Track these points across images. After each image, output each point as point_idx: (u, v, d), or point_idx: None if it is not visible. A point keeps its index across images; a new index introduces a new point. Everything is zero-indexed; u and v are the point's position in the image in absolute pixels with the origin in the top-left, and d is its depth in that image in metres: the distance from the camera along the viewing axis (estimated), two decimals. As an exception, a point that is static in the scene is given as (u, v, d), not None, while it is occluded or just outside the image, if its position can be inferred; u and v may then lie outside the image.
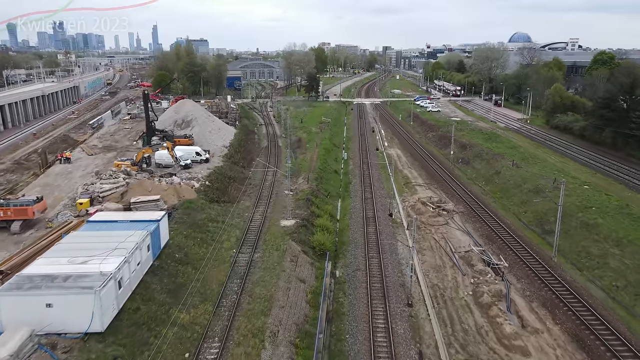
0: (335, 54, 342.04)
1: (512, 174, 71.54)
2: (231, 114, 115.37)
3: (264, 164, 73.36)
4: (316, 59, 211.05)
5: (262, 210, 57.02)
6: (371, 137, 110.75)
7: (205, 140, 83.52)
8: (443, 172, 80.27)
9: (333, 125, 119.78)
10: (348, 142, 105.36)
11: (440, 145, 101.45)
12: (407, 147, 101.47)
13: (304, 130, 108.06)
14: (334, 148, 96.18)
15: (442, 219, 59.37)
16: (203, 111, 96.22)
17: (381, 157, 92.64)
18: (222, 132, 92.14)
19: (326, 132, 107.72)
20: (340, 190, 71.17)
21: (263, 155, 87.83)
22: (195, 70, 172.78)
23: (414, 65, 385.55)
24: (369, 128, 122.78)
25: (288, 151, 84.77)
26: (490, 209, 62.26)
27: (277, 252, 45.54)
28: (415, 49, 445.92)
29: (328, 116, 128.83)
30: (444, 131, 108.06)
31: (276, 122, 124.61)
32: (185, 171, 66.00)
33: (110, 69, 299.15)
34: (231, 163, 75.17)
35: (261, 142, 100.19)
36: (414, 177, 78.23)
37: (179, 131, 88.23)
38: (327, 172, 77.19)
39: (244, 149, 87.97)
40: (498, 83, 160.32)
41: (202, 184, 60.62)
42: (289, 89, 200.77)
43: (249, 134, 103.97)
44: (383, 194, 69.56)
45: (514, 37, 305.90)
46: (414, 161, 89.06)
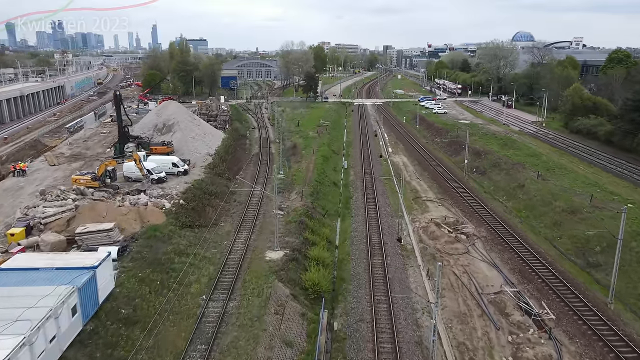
0: (335, 53, 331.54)
1: (539, 188, 61.27)
2: (221, 116, 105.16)
3: (248, 184, 62.94)
4: (315, 58, 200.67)
5: (244, 237, 46.83)
6: (374, 142, 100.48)
7: (187, 148, 73.29)
8: (456, 183, 70.06)
9: (332, 128, 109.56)
10: (348, 148, 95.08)
11: (450, 151, 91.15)
12: (414, 153, 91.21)
13: (300, 135, 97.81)
14: (332, 155, 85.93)
15: (462, 246, 49.15)
16: (187, 114, 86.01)
17: (385, 165, 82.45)
18: (208, 137, 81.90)
19: (324, 136, 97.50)
20: (340, 207, 60.97)
21: (252, 164, 77.58)
22: (187, 70, 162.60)
23: (415, 65, 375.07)
24: (371, 132, 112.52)
25: (280, 160, 74.52)
26: (517, 232, 52.00)
27: (258, 299, 35.35)
28: (417, 48, 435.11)
29: (327, 118, 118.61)
30: (453, 136, 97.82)
31: (271, 125, 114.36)
32: (159, 186, 55.78)
33: (103, 68, 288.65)
34: (214, 175, 64.93)
35: (252, 148, 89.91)
36: (424, 190, 68.01)
37: (160, 137, 78.04)
38: (325, 185, 66.98)
39: (232, 157, 77.71)
40: (507, 83, 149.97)
41: (175, 203, 50.37)
42: (287, 89, 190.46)
43: (239, 139, 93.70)
44: (389, 212, 59.33)
45: (517, 36, 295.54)
46: (422, 171, 78.78)
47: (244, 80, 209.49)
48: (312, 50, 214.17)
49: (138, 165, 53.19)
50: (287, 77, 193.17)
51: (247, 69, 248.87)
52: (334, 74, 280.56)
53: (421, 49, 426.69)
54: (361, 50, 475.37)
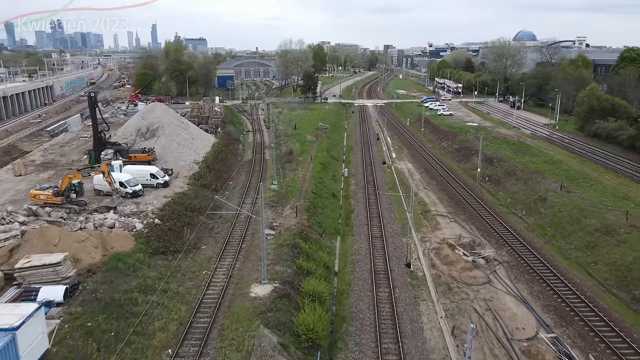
0: (335, 53, 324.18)
1: (564, 202, 54.06)
2: (213, 119, 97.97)
3: (232, 206, 55.91)
4: (314, 57, 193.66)
5: (228, 265, 39.71)
6: (376, 147, 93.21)
7: (171, 155, 66.12)
8: (468, 195, 62.89)
9: (331, 131, 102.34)
10: (349, 154, 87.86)
11: (459, 157, 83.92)
12: (420, 159, 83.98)
13: (297, 139, 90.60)
14: (332, 162, 78.72)
15: (482, 274, 41.98)
16: (174, 117, 78.83)
17: (389, 173, 75.26)
18: (197, 143, 74.73)
19: (323, 141, 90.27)
20: (340, 224, 53.83)
21: (244, 172, 70.38)
22: (181, 69, 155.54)
23: (416, 64, 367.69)
24: (373, 135, 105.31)
25: (274, 168, 67.35)
26: (544, 256, 44.82)
27: (237, 354, 28.21)
28: (418, 48, 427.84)
29: (326, 121, 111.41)
30: (462, 140, 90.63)
31: (266, 127, 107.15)
32: (134, 201, 48.64)
33: (98, 68, 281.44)
34: (199, 186, 57.73)
35: (245, 154, 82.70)
36: (433, 203, 60.81)
37: (143, 142, 70.89)
38: (323, 197, 59.77)
39: (221, 164, 70.49)
40: (514, 83, 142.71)
41: (149, 222, 43.22)
42: (285, 89, 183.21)
43: (232, 144, 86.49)
44: (395, 230, 52.18)
45: (519, 35, 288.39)
46: (430, 179, 71.55)
47: (241, 80, 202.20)
48: (312, 49, 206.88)
49: (106, 179, 46.03)
50: (285, 77, 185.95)
51: (245, 69, 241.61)
52: (334, 73, 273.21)
53: (422, 48, 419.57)
54: (361, 50, 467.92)
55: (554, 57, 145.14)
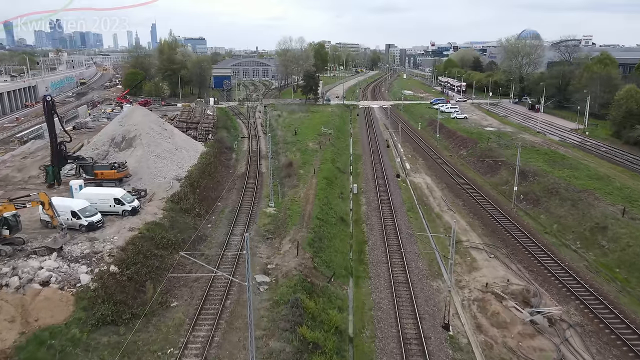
0: (337, 52, 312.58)
1: (631, 233, 42.89)
2: (204, 123, 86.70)
3: (207, 267, 44.84)
4: (316, 56, 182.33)
5: (203, 339, 28.53)
6: (387, 156, 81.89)
7: (148, 171, 54.88)
8: (504, 218, 51.76)
9: (336, 137, 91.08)
10: (357, 164, 76.61)
11: (483, 169, 72.72)
12: (438, 171, 72.73)
13: (297, 147, 79.39)
14: (338, 175, 67.52)
15: (549, 343, 30.84)
16: (156, 123, 67.56)
17: (405, 188, 64.09)
18: (181, 154, 63.50)
19: (327, 149, 79.04)
20: (352, 261, 42.75)
21: (236, 190, 59.14)
22: (173, 68, 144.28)
23: (419, 64, 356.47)
24: (382, 141, 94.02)
25: (271, 184, 56.08)
26: (624, 313, 33.71)
27: None
28: (420, 47, 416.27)
29: (329, 125, 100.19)
30: (483, 148, 79.43)
31: (264, 133, 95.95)
32: (89, 237, 37.48)
33: (91, 67, 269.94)
34: (178, 212, 46.54)
35: (238, 166, 71.45)
36: (463, 230, 49.61)
37: (117, 154, 59.70)
38: (330, 224, 48.61)
39: (209, 180, 59.25)
40: (532, 83, 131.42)
41: (101, 273, 32.04)
42: (284, 89, 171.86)
43: (223, 153, 75.28)
44: (422, 270, 41.08)
45: (523, 34, 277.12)
46: (454, 198, 60.28)
47: (239, 80, 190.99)
48: (312, 47, 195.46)
49: (47, 211, 34.82)
50: (284, 77, 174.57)
51: (243, 68, 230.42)
52: (336, 73, 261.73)
53: (424, 47, 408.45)
54: (362, 49, 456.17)
55: (572, 56, 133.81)
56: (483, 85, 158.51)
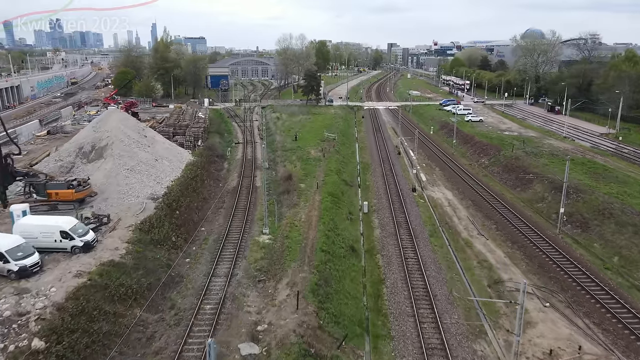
0: (338, 51, 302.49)
1: None
2: (193, 128, 76.95)
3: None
4: (317, 55, 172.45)
5: None
6: (399, 165, 72.05)
7: (117, 188, 45.17)
8: (550, 248, 42.09)
9: (340, 143, 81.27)
10: (365, 175, 66.81)
11: (511, 181, 62.97)
12: (459, 184, 62.95)
13: (298, 155, 69.68)
14: (345, 190, 57.76)
15: None
16: (132, 130, 57.80)
17: (423, 205, 54.41)
18: (161, 166, 53.81)
19: (331, 157, 69.30)
20: (367, 308, 33.08)
21: (224, 210, 49.36)
22: (166, 67, 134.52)
23: (423, 63, 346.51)
24: (392, 147, 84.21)
25: (266, 202, 46.28)
26: None
27: None
28: (423, 46, 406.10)
29: (333, 128, 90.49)
30: (508, 156, 69.71)
31: (261, 138, 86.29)
32: (18, 288, 27.82)
33: (85, 66, 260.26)
34: (148, 243, 36.79)
35: (229, 178, 61.68)
36: (502, 264, 39.86)
37: (84, 166, 50.05)
38: (337, 257, 38.93)
39: (193, 198, 49.50)
40: (550, 83, 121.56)
41: (16, 354, 22.36)
42: (284, 90, 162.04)
43: (214, 163, 65.64)
44: (459, 324, 31.34)
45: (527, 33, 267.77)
46: (484, 219, 50.45)
47: (237, 80, 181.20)
48: (314, 45, 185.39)
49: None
50: (283, 76, 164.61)
51: (242, 67, 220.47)
52: (338, 72, 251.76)
53: (427, 46, 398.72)
54: (363, 49, 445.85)
55: (592, 54, 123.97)
56: (494, 85, 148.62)
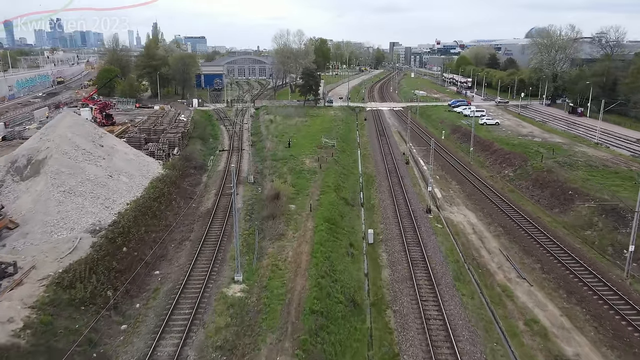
0: (339, 50, 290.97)
1: None
2: (169, 133, 65.96)
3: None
4: (317, 52, 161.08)
5: None
6: (408, 178, 60.84)
7: (45, 218, 34.11)
8: (618, 299, 31.04)
9: (340, 151, 70.22)
10: (369, 191, 55.60)
11: (545, 198, 51.79)
12: (482, 202, 51.72)
13: (290, 166, 58.65)
14: (345, 211, 46.71)
15: None
16: (85, 138, 46.73)
17: (441, 232, 43.43)
18: (117, 183, 42.83)
19: (329, 169, 58.23)
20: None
21: (189, 244, 38.24)
22: (153, 65, 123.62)
23: (426, 62, 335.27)
24: (399, 155, 73.07)
25: (236, 244, 35.18)
26: None
27: None
28: (425, 45, 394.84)
29: (332, 133, 79.54)
30: (538, 167, 58.56)
31: (251, 145, 75.38)
32: None
33: (76, 64, 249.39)
34: (65, 306, 25.71)
35: (206, 196, 50.60)
36: (559, 327, 28.83)
37: (16, 186, 39.14)
38: (334, 318, 27.98)
39: (150, 227, 38.40)
40: (568, 82, 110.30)
41: None
42: (281, 90, 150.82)
43: (189, 176, 54.62)
44: None
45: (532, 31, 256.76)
46: (521, 253, 39.20)
47: (231, 79, 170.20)
48: (313, 42, 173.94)
49: None
50: (282, 76, 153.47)
51: (239, 66, 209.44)
52: (338, 72, 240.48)
53: (430, 45, 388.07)
54: (365, 48, 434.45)
55: (615, 51, 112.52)
56: (506, 84, 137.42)
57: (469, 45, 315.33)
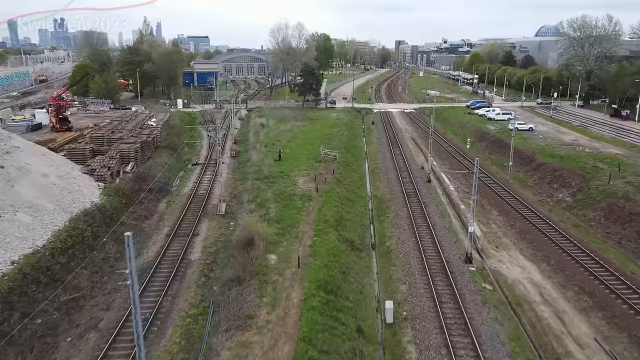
0: (344, 48, 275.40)
1: None
2: (124, 143, 51.03)
3: None
4: (319, 49, 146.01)
5: None
6: (434, 205, 45.44)
7: None
8: None
9: (343, 165, 55.19)
10: (383, 225, 40.42)
11: (632, 241, 36.61)
12: (540, 244, 36.53)
13: (277, 189, 43.72)
14: (350, 264, 31.71)
15: None
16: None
17: (494, 301, 28.33)
18: (6, 227, 28.10)
19: (329, 194, 43.18)
20: None
21: (91, 343, 23.38)
22: (135, 61, 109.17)
23: (433, 61, 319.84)
24: (416, 169, 57.93)
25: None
26: None
27: None
28: (432, 44, 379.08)
29: (333, 141, 64.76)
30: (608, 192, 43.42)
31: (233, 155, 60.70)
32: None
33: (64, 62, 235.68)
34: None
35: (151, 240, 35.73)
36: None
37: None
38: None
39: (43, 299, 23.67)
40: (606, 81, 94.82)
41: None
42: (278, 90, 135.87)
43: (139, 205, 39.74)
44: None
45: (542, 30, 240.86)
46: (632, 346, 24.38)
47: (225, 78, 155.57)
48: (315, 38, 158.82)
49: None
50: (277, 73, 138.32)
51: (237, 64, 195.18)
52: (342, 70, 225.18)
53: (437, 44, 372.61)
54: (370, 46, 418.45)
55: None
56: (528, 83, 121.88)
57: (477, 44, 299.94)
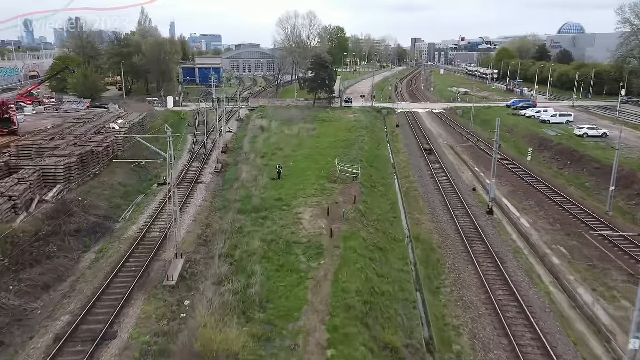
0: (359, 45, 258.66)
1: None
2: (53, 157, 35.53)
3: None
4: (332, 42, 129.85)
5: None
6: (511, 258, 29.38)
7: None
8: None
9: (367, 187, 38.93)
10: (440, 302, 24.24)
11: None
12: None
13: (266, 234, 27.71)
14: None
15: None
16: None
17: None
18: None
19: (350, 237, 27.04)
20: None
21: None
22: (124, 54, 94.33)
23: (452, 59, 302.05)
24: (467, 193, 41.55)
25: None
26: None
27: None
28: (450, 41, 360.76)
29: (351, 151, 48.57)
30: None
31: (218, 170, 44.91)
32: None
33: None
34: None
35: (37, 337, 20.13)
36: None
37: None
38: None
39: None
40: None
41: None
42: (287, 87, 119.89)
43: (38, 266, 24.10)
44: None
45: (565, 27, 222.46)
46: None
47: (229, 74, 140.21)
48: (329, 31, 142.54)
49: None
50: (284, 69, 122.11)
51: (244, 60, 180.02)
52: (357, 68, 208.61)
53: (455, 42, 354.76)
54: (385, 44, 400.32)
55: None
56: (572, 80, 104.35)
57: (496, 42, 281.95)
